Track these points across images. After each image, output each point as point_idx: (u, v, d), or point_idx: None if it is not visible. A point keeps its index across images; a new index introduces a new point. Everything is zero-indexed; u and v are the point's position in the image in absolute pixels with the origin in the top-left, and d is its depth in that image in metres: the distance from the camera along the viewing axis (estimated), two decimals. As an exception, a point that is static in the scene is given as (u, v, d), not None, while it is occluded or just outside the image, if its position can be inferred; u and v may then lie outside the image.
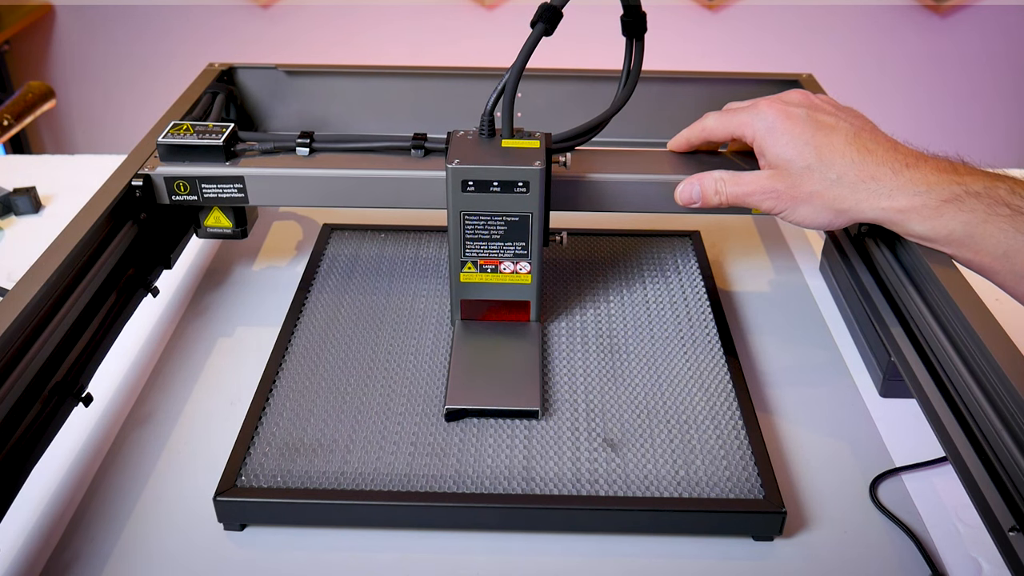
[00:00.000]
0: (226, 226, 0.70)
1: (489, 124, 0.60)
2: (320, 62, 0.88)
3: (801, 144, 0.57)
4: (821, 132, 0.57)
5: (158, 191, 0.66)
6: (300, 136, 0.67)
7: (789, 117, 0.58)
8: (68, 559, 0.51)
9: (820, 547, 0.52)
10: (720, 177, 0.61)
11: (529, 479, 0.52)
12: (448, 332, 0.65)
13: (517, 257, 0.61)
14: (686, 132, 0.65)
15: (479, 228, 0.59)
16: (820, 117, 0.58)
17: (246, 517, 0.52)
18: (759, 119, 0.59)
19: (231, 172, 0.65)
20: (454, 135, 0.61)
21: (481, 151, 0.59)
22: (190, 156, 0.66)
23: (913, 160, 0.56)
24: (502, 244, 0.60)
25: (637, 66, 0.64)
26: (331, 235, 0.78)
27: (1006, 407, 0.47)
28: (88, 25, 2.30)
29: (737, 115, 0.61)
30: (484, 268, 0.61)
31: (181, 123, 0.68)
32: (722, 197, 0.60)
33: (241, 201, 0.67)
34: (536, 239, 0.60)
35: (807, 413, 0.62)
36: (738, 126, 0.61)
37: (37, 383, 0.53)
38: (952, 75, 2.32)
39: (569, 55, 1.13)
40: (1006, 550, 0.45)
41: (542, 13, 0.58)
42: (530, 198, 0.58)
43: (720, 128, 0.63)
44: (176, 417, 0.61)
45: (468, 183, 0.57)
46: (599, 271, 0.73)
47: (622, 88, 0.64)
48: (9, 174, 0.94)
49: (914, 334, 0.57)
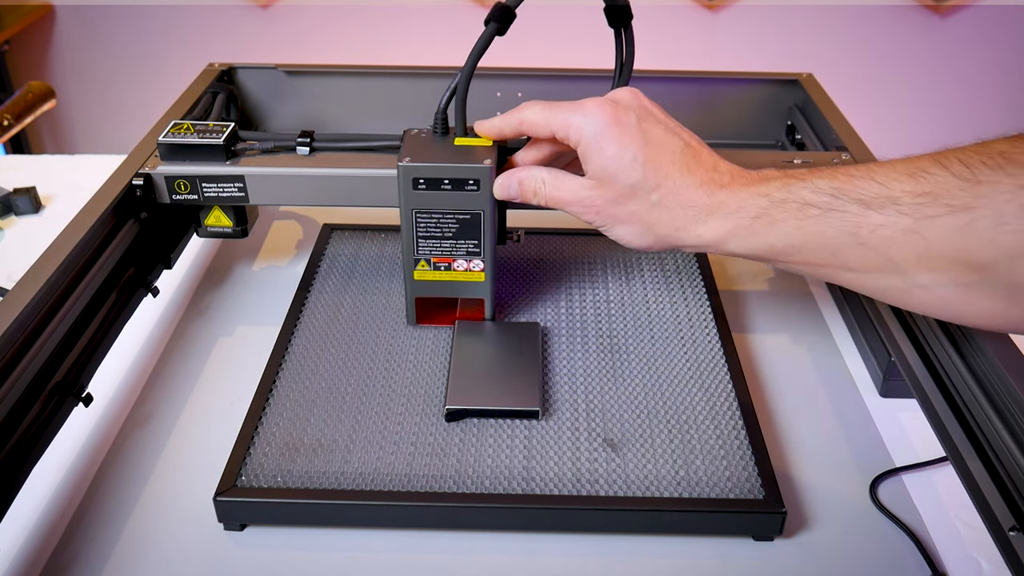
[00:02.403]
0: (226, 225, 0.70)
1: (442, 123, 0.61)
2: (320, 62, 0.88)
3: (628, 159, 0.53)
4: (649, 147, 0.53)
5: (159, 190, 0.66)
6: (300, 135, 0.67)
7: (618, 124, 0.53)
8: (68, 559, 0.51)
9: (820, 547, 0.52)
10: (542, 178, 0.57)
11: (529, 479, 0.52)
12: (448, 332, 0.65)
13: (470, 255, 0.61)
14: (501, 119, 0.59)
15: (431, 226, 0.60)
16: (650, 128, 0.54)
17: (246, 517, 0.52)
18: (587, 123, 0.54)
19: (231, 171, 0.66)
20: (408, 133, 0.61)
21: (433, 149, 0.59)
22: (191, 155, 0.66)
23: (728, 179, 0.53)
24: (455, 242, 0.60)
25: (630, 57, 0.63)
26: (331, 235, 0.78)
27: (1006, 407, 0.47)
28: (88, 25, 2.30)
29: (563, 112, 0.55)
30: (438, 266, 0.62)
31: (182, 122, 0.68)
32: (540, 199, 0.57)
33: (242, 200, 0.67)
34: (488, 237, 0.60)
35: (807, 413, 0.62)
36: (563, 126, 0.55)
37: (37, 383, 0.53)
38: (952, 75, 2.32)
39: (569, 55, 1.13)
40: (1006, 550, 0.45)
41: (494, 12, 0.58)
42: (481, 196, 0.58)
43: (542, 124, 0.56)
44: (176, 417, 0.61)
45: (419, 181, 0.58)
46: (599, 271, 0.73)
47: (617, 82, 0.64)
48: (9, 174, 0.94)
49: (914, 334, 0.57)
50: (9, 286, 0.61)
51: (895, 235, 0.46)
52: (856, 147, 0.73)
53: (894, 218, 0.46)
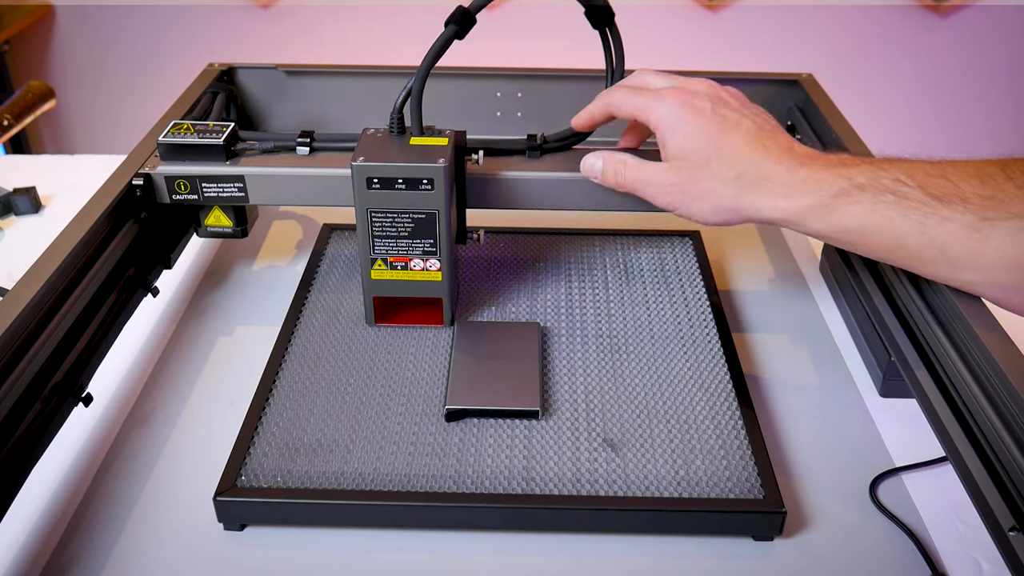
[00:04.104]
0: (226, 225, 0.70)
1: (399, 122, 0.61)
2: (320, 62, 0.88)
3: (703, 139, 0.56)
4: (724, 128, 0.56)
5: (159, 190, 0.66)
6: (300, 135, 0.67)
7: (694, 109, 0.57)
8: (68, 559, 0.51)
9: (820, 547, 0.52)
10: (623, 159, 0.60)
11: (529, 479, 0.52)
12: (448, 332, 0.65)
13: (426, 255, 0.61)
14: (590, 107, 0.63)
15: (386, 225, 0.60)
16: (724, 112, 0.57)
17: (246, 517, 0.52)
18: (664, 106, 0.57)
19: (231, 171, 0.65)
20: (366, 133, 0.62)
21: (388, 149, 0.60)
22: (190, 155, 0.66)
23: (807, 159, 0.55)
24: (410, 241, 0.61)
25: (619, 57, 0.64)
26: (331, 235, 0.78)
27: (1006, 407, 0.47)
28: (88, 25, 2.30)
29: (643, 96, 0.59)
30: (394, 265, 0.62)
31: (181, 122, 0.68)
32: (620, 179, 0.60)
33: (241, 200, 0.67)
34: (444, 236, 0.60)
35: (807, 413, 0.62)
36: (642, 108, 0.59)
37: (37, 383, 0.52)
38: (952, 75, 2.32)
39: (569, 55, 1.13)
40: (1006, 550, 0.45)
41: (455, 16, 0.59)
42: (435, 195, 0.59)
43: (626, 106, 0.60)
44: (176, 417, 0.61)
45: (373, 180, 0.58)
46: (599, 271, 0.73)
47: (609, 82, 0.64)
48: (9, 174, 0.94)
49: (914, 334, 0.57)
50: (9, 286, 0.60)
51: (956, 231, 0.50)
52: (856, 147, 0.72)
53: (960, 215, 0.50)
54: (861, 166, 0.54)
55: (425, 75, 0.59)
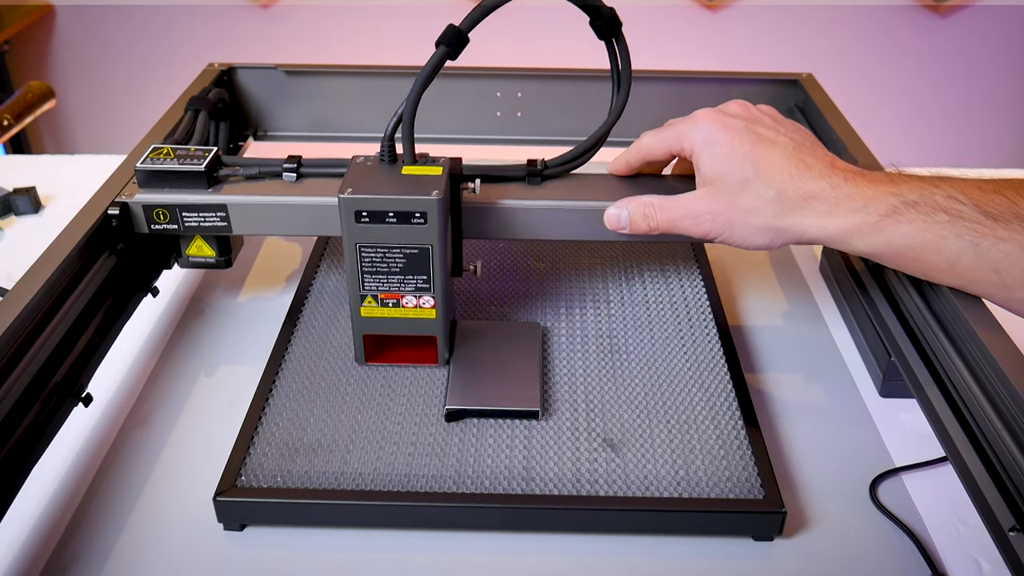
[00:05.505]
0: (209, 255, 0.66)
1: (389, 149, 0.57)
2: (320, 62, 0.88)
3: (739, 157, 0.54)
4: (760, 145, 0.54)
5: (136, 220, 0.62)
6: (287, 160, 0.63)
7: (727, 128, 0.55)
8: (68, 559, 0.51)
9: (820, 547, 0.52)
10: (649, 202, 0.57)
11: (529, 479, 0.52)
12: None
13: (419, 291, 0.57)
14: (625, 154, 0.61)
15: (377, 261, 0.56)
16: (759, 130, 0.55)
17: (246, 517, 0.52)
18: (696, 130, 0.56)
19: (213, 200, 0.61)
20: (354, 161, 0.58)
21: (378, 179, 0.55)
22: (170, 182, 0.61)
23: (852, 175, 0.53)
24: (402, 277, 0.57)
25: (626, 69, 0.62)
26: (328, 242, 0.78)
27: (1006, 407, 0.47)
28: (88, 25, 2.30)
29: (674, 128, 0.58)
30: (385, 302, 0.58)
31: (161, 147, 0.64)
32: (652, 223, 0.57)
33: (224, 230, 0.63)
34: (439, 272, 0.56)
35: (807, 413, 0.62)
36: (675, 139, 0.57)
37: (37, 383, 0.52)
38: (952, 75, 2.32)
39: (569, 55, 1.13)
40: (1006, 550, 0.45)
41: (445, 36, 0.55)
42: (428, 229, 0.54)
43: (657, 144, 0.59)
44: (176, 417, 0.61)
45: (362, 214, 0.54)
46: (599, 272, 0.73)
47: (616, 96, 0.62)
48: (9, 174, 0.94)
49: (914, 334, 0.57)
50: (9, 286, 0.60)
51: (1013, 251, 0.49)
52: (856, 147, 0.73)
53: (1018, 235, 0.48)
54: (911, 183, 0.52)
55: (416, 99, 0.55)
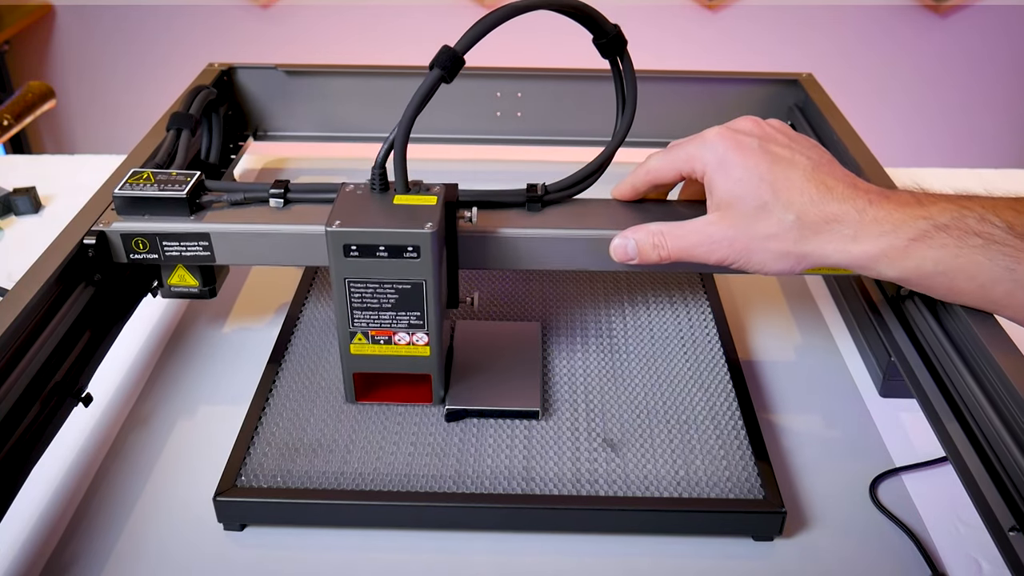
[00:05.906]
0: (192, 285, 0.62)
1: (380, 178, 0.54)
2: (320, 62, 0.88)
3: (755, 179, 0.51)
4: (777, 166, 0.51)
5: (114, 249, 0.58)
6: (273, 186, 0.59)
7: (740, 148, 0.52)
8: (68, 559, 0.51)
9: (820, 547, 0.52)
10: (658, 230, 0.54)
11: (529, 479, 0.52)
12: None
13: (412, 328, 0.54)
14: (630, 177, 0.58)
15: (367, 296, 0.53)
16: (774, 148, 0.52)
17: (246, 517, 0.52)
18: (707, 150, 0.52)
19: (195, 228, 0.58)
20: (344, 190, 0.54)
21: (368, 210, 0.52)
22: (150, 209, 0.58)
23: (876, 197, 0.50)
24: (394, 313, 0.53)
25: (631, 87, 0.59)
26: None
27: (1006, 407, 0.47)
28: (88, 25, 2.30)
29: (683, 148, 0.54)
30: (376, 339, 0.55)
31: (141, 171, 0.60)
32: (663, 252, 0.53)
33: (207, 260, 0.59)
34: (433, 307, 0.53)
35: (807, 413, 0.62)
36: (685, 160, 0.54)
37: (37, 383, 0.52)
38: (952, 75, 2.32)
39: (569, 55, 1.13)
40: (1006, 550, 0.45)
41: (440, 58, 0.52)
42: (422, 264, 0.51)
43: (666, 167, 0.55)
44: (176, 417, 0.61)
45: (351, 247, 0.51)
46: (599, 272, 0.73)
47: (621, 116, 0.60)
48: (9, 174, 0.94)
49: (914, 334, 0.57)
50: (9, 286, 0.60)
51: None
52: (856, 147, 0.73)
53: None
54: (940, 204, 0.49)
55: (408, 126, 0.52)
